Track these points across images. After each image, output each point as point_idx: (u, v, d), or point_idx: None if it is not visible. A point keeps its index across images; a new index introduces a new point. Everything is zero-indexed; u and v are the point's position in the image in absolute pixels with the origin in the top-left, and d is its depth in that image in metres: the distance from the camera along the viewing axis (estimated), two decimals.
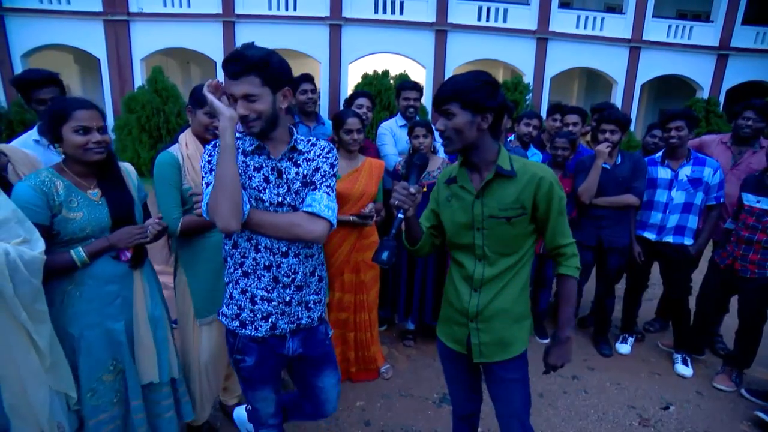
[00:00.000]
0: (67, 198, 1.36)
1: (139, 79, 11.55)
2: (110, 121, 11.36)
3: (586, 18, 12.88)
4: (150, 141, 9.09)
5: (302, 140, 1.34)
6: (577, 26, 12.85)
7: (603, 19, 12.96)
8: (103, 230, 1.42)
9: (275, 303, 1.30)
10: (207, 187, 1.21)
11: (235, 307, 1.32)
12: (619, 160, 2.75)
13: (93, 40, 11.68)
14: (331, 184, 1.31)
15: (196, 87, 1.76)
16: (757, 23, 13.13)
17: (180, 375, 1.73)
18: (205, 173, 1.23)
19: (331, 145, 1.37)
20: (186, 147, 1.72)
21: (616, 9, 13.61)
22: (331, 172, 1.32)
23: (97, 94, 12.05)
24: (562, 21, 12.70)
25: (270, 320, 1.32)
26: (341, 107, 3.18)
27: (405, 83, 3.19)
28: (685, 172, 2.66)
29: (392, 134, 3.05)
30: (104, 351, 1.47)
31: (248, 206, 1.20)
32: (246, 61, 1.13)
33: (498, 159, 1.26)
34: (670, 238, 2.73)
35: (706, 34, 13.18)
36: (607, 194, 2.72)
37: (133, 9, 11.67)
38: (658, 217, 2.75)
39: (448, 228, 1.37)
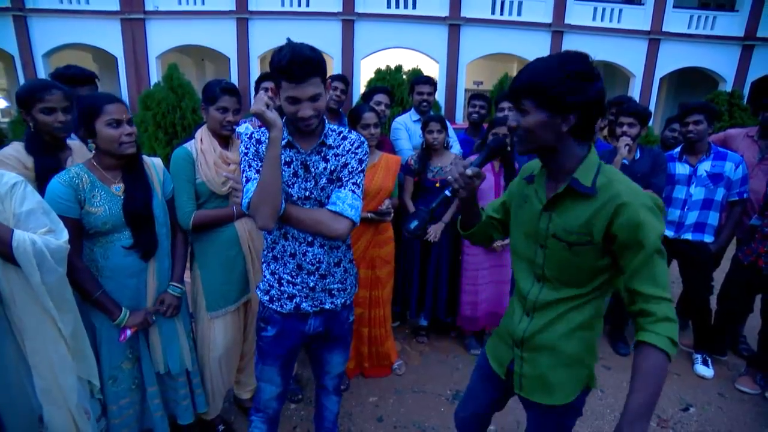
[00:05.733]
0: (91, 193, 1.41)
1: (155, 76, 11.71)
2: None
3: (603, 10, 12.54)
4: (165, 138, 9.21)
5: (333, 132, 1.36)
6: (594, 18, 12.53)
7: (621, 10, 12.59)
8: (124, 224, 1.45)
9: (299, 287, 1.37)
10: (247, 182, 1.27)
11: (267, 284, 1.41)
12: (638, 155, 2.68)
13: (110, 38, 11.88)
14: (358, 181, 1.35)
15: (207, 84, 1.78)
16: None
17: (194, 367, 1.76)
18: (245, 168, 1.29)
19: (363, 139, 1.39)
20: (201, 142, 1.74)
21: (634, 0, 13.24)
22: (359, 169, 1.35)
23: (114, 91, 12.10)
24: (578, 13, 12.40)
25: (294, 301, 1.39)
26: (354, 103, 3.17)
27: (419, 77, 3.16)
28: (705, 167, 2.58)
29: (406, 129, 3.03)
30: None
31: (284, 204, 1.26)
32: (311, 63, 1.15)
33: (577, 170, 1.00)
34: (689, 236, 2.66)
35: (731, 24, 12.71)
36: None
37: (149, 7, 11.83)
38: (677, 213, 2.67)
39: (513, 231, 1.20)
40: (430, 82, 3.09)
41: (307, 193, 1.32)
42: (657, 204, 0.98)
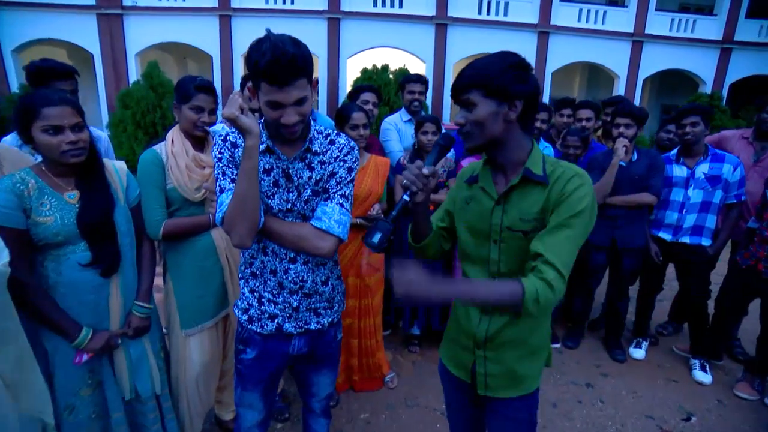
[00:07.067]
0: (39, 201, 1.24)
1: (134, 74, 11.34)
2: (105, 118, 11.18)
3: (588, 11, 12.69)
4: (146, 137, 8.91)
5: (319, 136, 1.21)
6: (579, 20, 12.66)
7: (605, 12, 12.77)
8: (79, 235, 1.28)
9: (281, 307, 1.25)
10: (221, 193, 1.13)
11: (245, 303, 1.29)
12: (635, 156, 2.61)
13: (86, 34, 11.43)
14: (347, 193, 1.21)
15: (181, 81, 1.62)
16: (762, 16, 12.95)
17: (164, 390, 1.60)
18: (218, 175, 1.14)
19: (353, 144, 1.25)
20: (172, 144, 1.58)
21: (618, 2, 13.43)
22: (348, 179, 1.21)
23: (91, 89, 11.82)
24: (564, 14, 12.51)
25: (276, 321, 1.26)
26: (340, 103, 3.03)
27: (410, 76, 3.04)
28: (702, 169, 2.53)
29: (397, 129, 2.91)
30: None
31: (263, 218, 1.13)
32: (295, 63, 1.00)
33: (528, 160, 1.04)
34: (686, 239, 2.60)
35: (710, 28, 13.01)
36: (621, 193, 2.58)
37: (126, 2, 11.43)
38: (674, 217, 2.62)
39: (461, 234, 1.18)
40: (421, 80, 2.97)
41: (289, 206, 1.18)
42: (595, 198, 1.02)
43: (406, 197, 1.04)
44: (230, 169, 1.13)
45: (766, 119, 2.64)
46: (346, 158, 1.21)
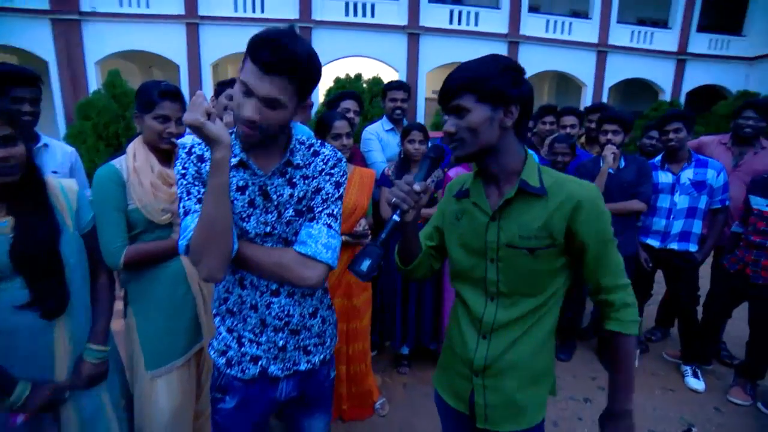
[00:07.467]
0: None
1: (94, 83, 10.76)
2: (61, 129, 10.51)
3: (555, 22, 13.16)
4: (108, 150, 8.42)
5: (302, 147, 1.04)
6: (547, 30, 13.11)
7: (571, 23, 13.28)
8: (14, 270, 1.06)
9: (265, 347, 1.07)
10: (186, 215, 0.94)
11: (222, 344, 1.10)
12: (623, 163, 2.59)
13: (40, 41, 10.76)
14: (335, 211, 1.04)
15: (143, 87, 1.43)
16: (712, 30, 13.84)
17: None
18: (182, 194, 0.95)
19: (340, 155, 1.08)
20: (134, 159, 1.37)
21: (581, 14, 13.99)
22: (336, 195, 1.04)
23: (46, 99, 11.09)
24: (532, 25, 12.91)
25: (260, 363, 1.07)
26: (313, 113, 2.87)
27: (391, 83, 2.92)
28: (687, 175, 2.54)
29: (379, 139, 2.77)
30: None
31: (237, 245, 0.95)
32: (288, 57, 0.86)
33: (523, 171, 0.96)
34: (674, 245, 2.60)
35: (666, 40, 13.77)
36: (611, 200, 2.54)
37: (84, 8, 10.88)
38: (662, 223, 2.61)
39: (453, 253, 1.08)
40: (404, 87, 2.85)
41: (268, 228, 1.00)
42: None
43: (396, 217, 0.94)
44: (196, 188, 0.95)
45: (744, 125, 2.68)
46: (332, 171, 1.05)
